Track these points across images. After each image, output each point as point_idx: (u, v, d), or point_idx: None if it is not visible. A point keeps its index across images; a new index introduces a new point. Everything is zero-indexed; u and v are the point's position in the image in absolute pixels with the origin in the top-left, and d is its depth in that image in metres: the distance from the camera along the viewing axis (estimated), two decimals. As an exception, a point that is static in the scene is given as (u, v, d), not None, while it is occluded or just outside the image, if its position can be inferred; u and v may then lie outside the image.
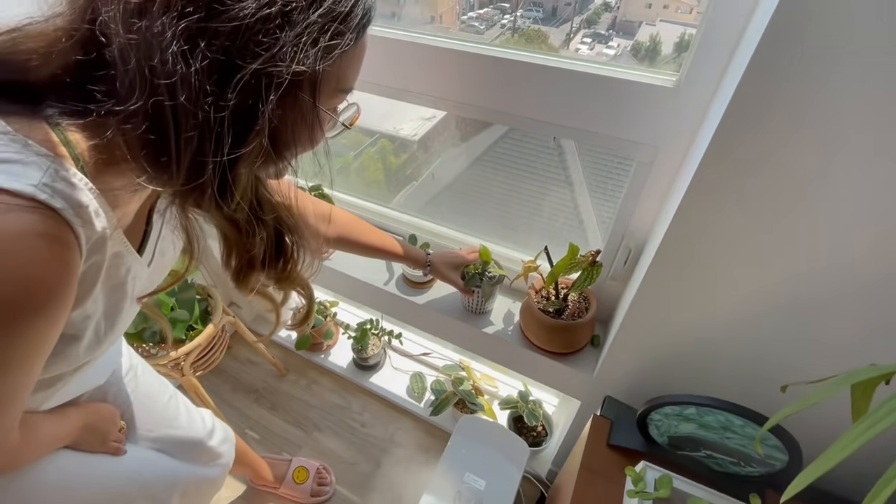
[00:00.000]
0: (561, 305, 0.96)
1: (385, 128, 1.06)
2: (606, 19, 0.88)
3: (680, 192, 0.64)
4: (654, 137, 0.74)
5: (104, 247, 0.41)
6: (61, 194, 0.35)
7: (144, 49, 0.32)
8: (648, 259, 0.75)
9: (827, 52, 0.46)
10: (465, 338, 1.13)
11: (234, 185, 0.38)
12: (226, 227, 0.42)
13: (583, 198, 0.99)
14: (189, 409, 0.93)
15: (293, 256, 0.51)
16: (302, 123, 0.40)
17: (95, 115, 0.35)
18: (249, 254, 0.46)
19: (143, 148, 0.35)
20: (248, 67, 0.33)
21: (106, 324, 0.48)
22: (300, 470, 1.41)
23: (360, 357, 1.63)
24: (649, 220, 0.85)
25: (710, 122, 0.61)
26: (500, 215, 1.13)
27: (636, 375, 0.88)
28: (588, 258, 0.85)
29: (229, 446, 1.03)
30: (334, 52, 0.37)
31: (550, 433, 1.39)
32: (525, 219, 1.10)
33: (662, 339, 0.79)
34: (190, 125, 0.33)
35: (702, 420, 0.67)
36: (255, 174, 0.42)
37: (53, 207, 0.34)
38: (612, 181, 0.91)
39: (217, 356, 1.40)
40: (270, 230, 0.46)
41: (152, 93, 0.32)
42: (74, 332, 0.44)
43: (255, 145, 0.36)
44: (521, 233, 1.13)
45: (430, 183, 1.13)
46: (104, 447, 0.73)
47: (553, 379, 1.07)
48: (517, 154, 1.00)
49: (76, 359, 0.47)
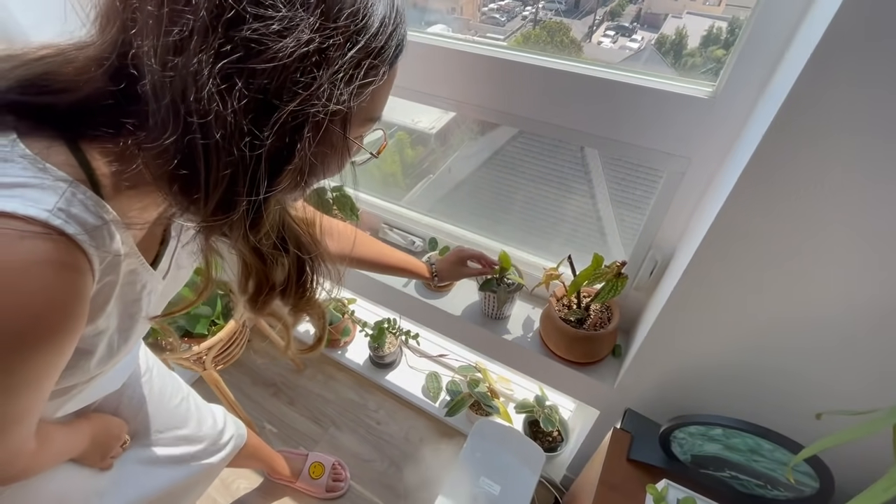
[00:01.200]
0: (583, 315, 0.94)
1: (403, 120, 1.05)
2: (631, 11, 0.85)
3: (715, 205, 0.62)
4: (688, 149, 0.71)
5: (118, 267, 0.40)
6: (76, 219, 0.34)
7: (180, 86, 0.31)
8: (677, 272, 0.72)
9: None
10: (483, 342, 1.12)
11: (265, 219, 0.37)
12: (249, 256, 0.42)
13: (605, 206, 0.97)
14: (200, 408, 0.94)
15: (313, 284, 0.50)
16: (332, 154, 0.40)
17: (123, 146, 0.35)
18: (270, 282, 0.45)
19: (174, 182, 0.35)
20: (286, 108, 0.32)
21: (119, 338, 0.48)
22: (316, 465, 1.43)
23: (377, 355, 1.64)
24: (678, 232, 0.83)
25: (750, 133, 0.59)
26: (521, 219, 1.11)
27: (658, 390, 0.86)
28: (613, 269, 0.83)
29: (238, 440, 1.04)
30: (368, 88, 0.37)
31: (566, 439, 1.38)
32: (546, 223, 1.08)
33: (688, 356, 0.77)
34: (224, 163, 0.33)
35: (728, 441, 0.65)
36: (282, 203, 0.41)
37: (67, 234, 0.34)
38: (638, 190, 0.89)
39: (237, 351, 1.43)
40: (293, 259, 0.45)
41: (186, 131, 0.32)
42: (86, 347, 0.44)
43: (289, 182, 0.36)
44: (542, 238, 1.11)
45: (446, 177, 1.12)
46: (101, 462, 0.73)
47: (572, 388, 1.05)
48: (537, 150, 0.97)
49: (87, 372, 0.47)
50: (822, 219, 0.54)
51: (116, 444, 0.75)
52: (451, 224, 1.21)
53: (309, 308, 0.52)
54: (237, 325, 1.33)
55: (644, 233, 0.87)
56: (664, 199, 0.79)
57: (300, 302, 0.50)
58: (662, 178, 0.79)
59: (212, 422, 0.97)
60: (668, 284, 0.77)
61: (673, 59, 0.76)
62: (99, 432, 0.70)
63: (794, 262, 0.58)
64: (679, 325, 0.74)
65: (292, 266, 0.46)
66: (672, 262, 0.84)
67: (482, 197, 1.13)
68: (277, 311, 0.52)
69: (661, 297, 0.80)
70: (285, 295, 0.48)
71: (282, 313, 0.52)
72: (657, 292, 0.89)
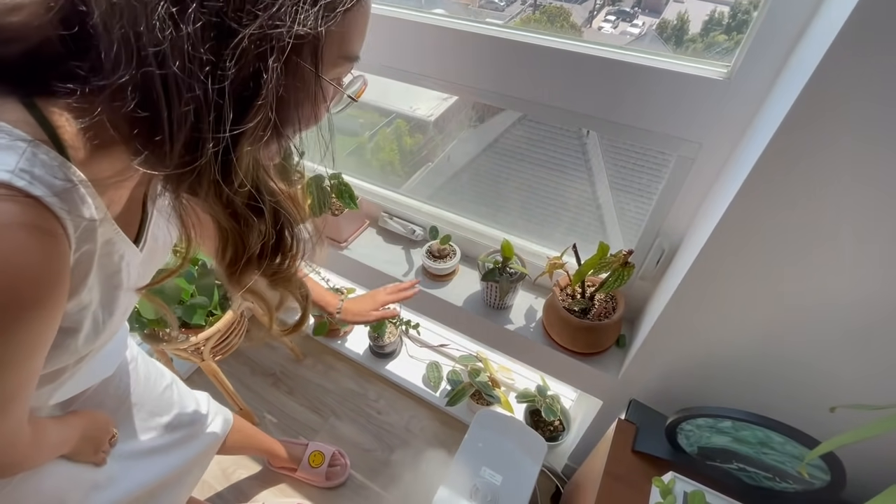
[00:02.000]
0: (587, 305, 0.92)
1: (401, 107, 1.03)
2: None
3: (728, 193, 0.59)
4: (699, 133, 0.69)
5: (94, 235, 0.38)
6: (42, 181, 0.32)
7: (129, 14, 0.29)
8: (686, 262, 0.70)
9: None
10: (485, 333, 1.11)
11: (237, 166, 0.34)
12: (223, 216, 0.39)
13: (607, 193, 0.94)
14: (184, 394, 0.93)
15: (292, 251, 0.47)
16: (304, 96, 0.37)
17: (80, 94, 0.33)
18: (246, 247, 0.42)
19: (134, 126, 0.32)
20: (245, 31, 0.30)
21: (104, 314, 0.46)
22: (316, 454, 1.43)
23: (377, 345, 1.63)
24: (686, 220, 0.80)
25: (767, 116, 0.56)
26: (522, 207, 1.09)
27: (664, 380, 0.85)
28: (619, 258, 0.81)
29: (224, 425, 1.03)
30: (336, 10, 0.34)
31: (568, 428, 1.37)
32: (547, 212, 1.06)
33: (696, 347, 0.75)
34: (185, 98, 0.30)
35: (737, 434, 0.64)
36: (256, 155, 0.38)
37: (34, 195, 0.31)
38: (645, 177, 0.86)
39: (236, 341, 1.41)
40: (270, 221, 0.42)
41: (141, 63, 0.29)
42: (71, 325, 0.43)
43: (259, 119, 0.33)
44: (545, 226, 1.09)
45: (445, 165, 1.09)
46: (95, 457, 0.73)
47: (575, 379, 1.04)
48: (538, 137, 0.94)
49: (75, 351, 0.45)
50: (843, 208, 0.51)
51: (106, 437, 0.74)
52: (452, 212, 1.19)
53: (288, 283, 0.50)
54: (235, 316, 1.31)
55: (651, 221, 0.85)
56: (673, 186, 0.77)
57: (279, 273, 0.47)
58: (671, 164, 0.76)
59: (195, 407, 0.96)
60: (676, 274, 0.75)
61: (675, 45, 0.74)
62: (87, 426, 0.69)
63: (810, 252, 0.56)
64: (687, 315, 0.72)
65: (269, 231, 0.43)
66: (680, 250, 0.82)
67: (482, 185, 1.11)
68: (257, 287, 0.49)
69: (668, 287, 0.78)
70: (263, 263, 0.45)
71: (262, 290, 0.50)
72: (664, 282, 0.87)
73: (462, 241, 1.16)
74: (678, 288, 0.69)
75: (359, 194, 1.24)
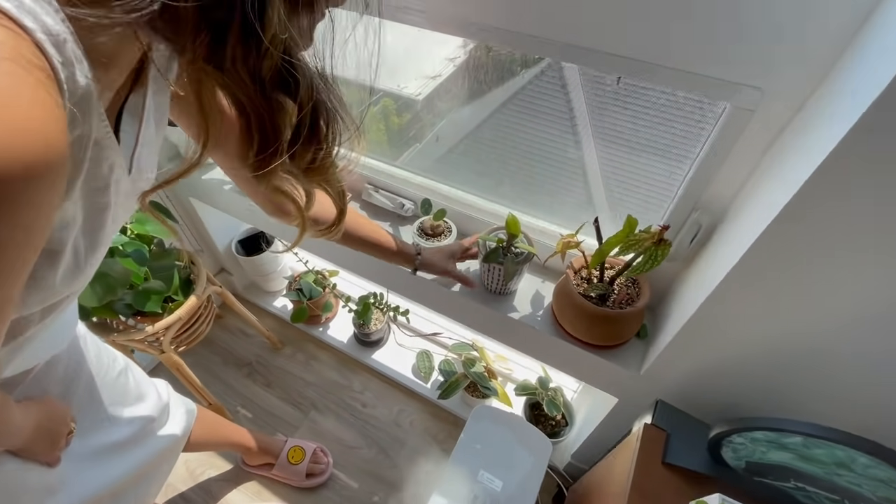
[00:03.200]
0: (606, 290, 0.79)
1: (389, 85, 0.93)
2: None
3: (814, 154, 0.45)
4: (763, 76, 0.54)
5: (89, 113, 0.31)
6: (29, 11, 0.25)
7: None
8: (739, 241, 0.57)
9: None
10: (484, 321, 0.97)
11: (265, 23, 0.30)
12: (250, 92, 0.34)
13: (630, 157, 0.80)
14: (140, 382, 0.83)
15: (328, 139, 0.42)
16: None
17: None
18: (277, 132, 0.38)
19: None
20: None
21: (86, 243, 0.40)
22: (296, 449, 1.30)
23: (362, 332, 1.49)
24: (733, 189, 0.67)
25: (869, 43, 0.42)
26: (527, 177, 0.94)
27: (699, 379, 0.73)
28: (652, 235, 0.67)
29: (189, 416, 0.95)
30: None
31: (571, 423, 1.26)
32: (559, 182, 0.92)
33: (747, 343, 0.62)
34: None
35: (807, 452, 0.52)
36: (284, 13, 0.32)
37: (23, 24, 0.24)
38: (678, 136, 0.72)
39: (203, 329, 1.26)
40: (305, 97, 0.37)
41: None
42: (53, 247, 0.36)
43: None
44: (552, 198, 0.95)
45: (433, 146, 0.98)
46: (50, 455, 0.63)
47: (588, 374, 0.91)
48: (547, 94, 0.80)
49: (52, 289, 0.39)
50: None
51: (64, 430, 0.64)
52: (447, 184, 1.03)
53: (323, 174, 0.46)
54: (200, 301, 1.15)
55: (687, 191, 0.71)
56: (721, 146, 0.63)
57: (313, 164, 0.43)
58: (721, 118, 0.62)
59: (155, 397, 0.85)
60: (722, 256, 0.62)
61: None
62: (43, 417, 0.60)
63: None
64: (739, 306, 0.59)
65: (303, 110, 0.38)
66: (722, 226, 0.69)
67: (482, 151, 0.96)
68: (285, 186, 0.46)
69: (708, 271, 0.65)
70: (295, 155, 0.41)
71: (290, 188, 0.47)
72: (698, 263, 0.74)
73: (458, 217, 1.02)
74: (731, 272, 0.56)
75: (339, 162, 1.08)
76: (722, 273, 0.58)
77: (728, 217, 0.68)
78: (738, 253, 0.55)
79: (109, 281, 0.91)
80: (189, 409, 0.98)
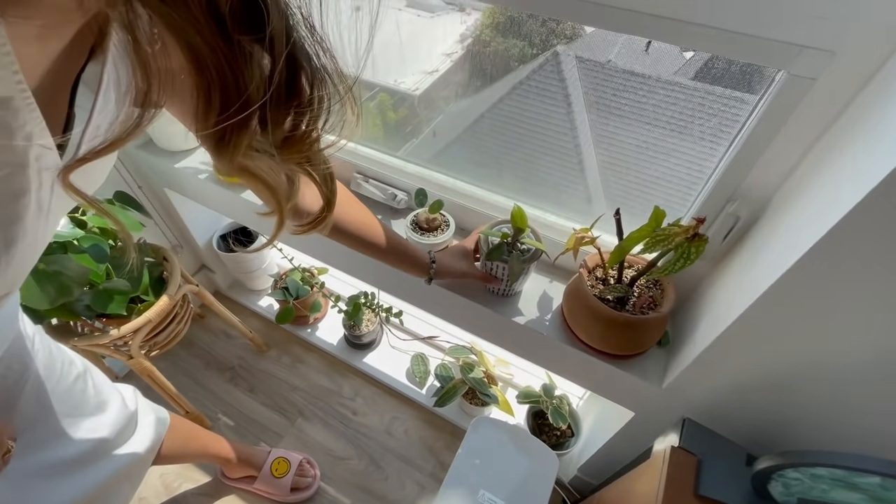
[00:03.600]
0: (625, 292, 0.69)
1: (385, 80, 0.89)
2: None
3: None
4: (833, 36, 0.44)
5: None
6: None
7: None
8: (794, 238, 0.47)
9: None
10: (485, 325, 0.87)
11: None
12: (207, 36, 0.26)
13: (653, 138, 0.71)
14: (101, 388, 0.74)
15: (311, 104, 0.33)
16: None
17: None
18: (240, 88, 0.29)
19: None
20: None
21: None
22: (280, 461, 1.20)
23: (353, 334, 1.39)
24: (779, 176, 0.57)
25: None
26: (532, 166, 0.85)
27: (732, 395, 0.63)
28: (684, 230, 0.57)
29: (159, 426, 0.86)
30: None
31: (577, 433, 1.16)
32: (567, 173, 0.82)
33: (803, 354, 0.53)
34: None
35: (884, 494, 0.42)
36: None
37: None
38: (712, 112, 0.63)
39: (179, 331, 1.15)
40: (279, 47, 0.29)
41: None
42: None
43: None
44: (562, 192, 0.85)
45: (430, 141, 0.91)
46: None
47: (601, 385, 0.82)
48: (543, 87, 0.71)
49: None
50: None
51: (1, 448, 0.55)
52: (444, 174, 0.93)
53: (304, 152, 0.36)
54: (172, 302, 1.05)
55: (725, 178, 0.61)
56: (772, 122, 0.53)
57: (291, 136, 0.34)
58: (774, 89, 0.52)
59: (118, 406, 0.76)
60: (773, 254, 0.53)
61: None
62: None
63: None
64: (800, 312, 0.49)
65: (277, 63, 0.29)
66: (764, 219, 0.59)
67: (481, 145, 0.87)
68: (256, 166, 0.36)
69: (755, 272, 0.56)
70: (268, 123, 0.32)
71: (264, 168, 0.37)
72: (733, 262, 0.64)
73: (456, 210, 0.92)
74: (784, 276, 0.46)
75: (325, 149, 0.97)
76: (772, 276, 0.48)
77: (772, 210, 0.58)
78: (794, 255, 0.45)
79: (63, 280, 0.81)
80: (160, 417, 0.88)
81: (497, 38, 0.73)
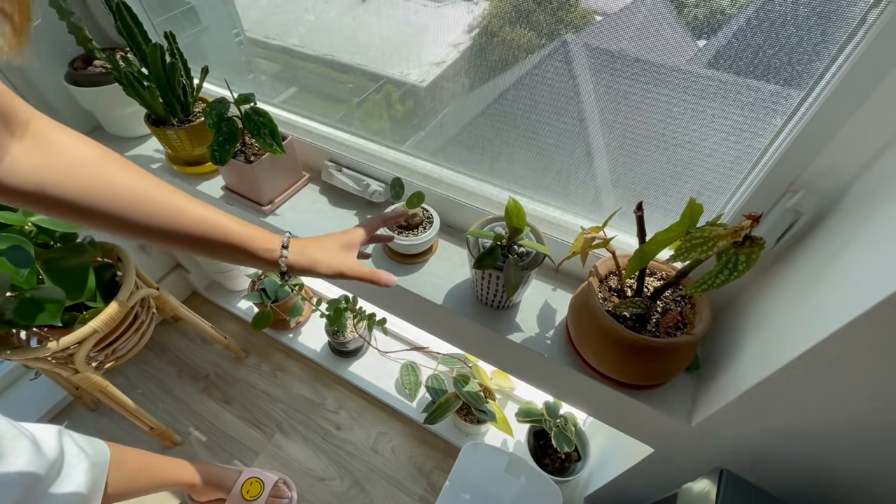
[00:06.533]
0: (646, 308, 0.55)
1: (391, 72, 0.82)
2: None
3: None
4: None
5: None
6: None
7: None
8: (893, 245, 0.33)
9: None
10: (476, 342, 0.74)
11: None
12: None
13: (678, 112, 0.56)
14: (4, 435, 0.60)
15: None
16: None
17: None
18: None
19: None
20: None
21: None
22: (253, 482, 1.08)
23: (337, 341, 1.26)
24: (864, 159, 0.42)
25: None
26: (533, 149, 0.70)
27: (781, 440, 0.49)
28: (731, 232, 0.43)
29: (96, 469, 0.73)
30: None
31: (584, 457, 1.03)
32: (574, 157, 0.68)
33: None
34: None
35: None
36: None
37: None
38: (761, 76, 0.47)
39: (137, 341, 1.03)
40: None
41: None
42: None
43: None
44: (569, 181, 0.71)
45: (437, 132, 0.80)
46: None
47: (615, 417, 0.68)
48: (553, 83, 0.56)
49: None
50: None
51: None
52: (426, 160, 0.79)
53: None
54: (123, 309, 0.92)
55: (782, 162, 0.46)
56: (850, 93, 0.38)
57: None
58: (861, 37, 0.37)
59: (29, 454, 0.62)
60: (857, 265, 0.38)
61: None
62: None
63: None
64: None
65: None
66: (837, 217, 0.45)
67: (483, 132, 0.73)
68: None
69: (833, 292, 0.41)
70: None
71: None
72: (790, 273, 0.49)
73: (441, 203, 0.78)
74: (891, 299, 0.32)
75: (291, 133, 0.84)
76: (869, 298, 0.33)
77: (851, 204, 0.43)
78: (859, 264, 0.30)
79: (-27, 287, 0.68)
80: (97, 457, 0.75)
81: (505, 28, 0.65)
